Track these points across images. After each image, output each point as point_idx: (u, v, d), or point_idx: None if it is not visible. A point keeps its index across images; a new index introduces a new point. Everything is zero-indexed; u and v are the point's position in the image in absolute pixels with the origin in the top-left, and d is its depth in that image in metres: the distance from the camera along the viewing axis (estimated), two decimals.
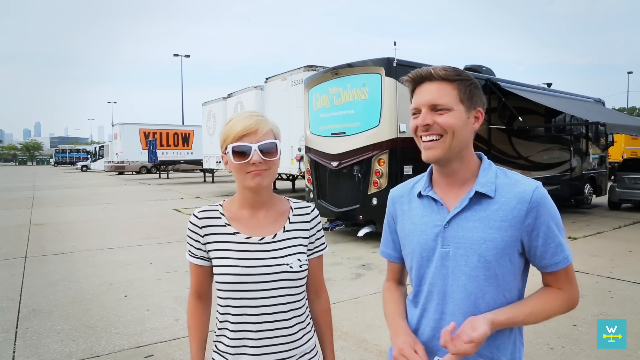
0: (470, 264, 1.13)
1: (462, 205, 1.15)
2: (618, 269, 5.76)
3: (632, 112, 56.49)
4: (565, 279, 1.16)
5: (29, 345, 3.58)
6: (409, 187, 1.31)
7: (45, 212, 11.76)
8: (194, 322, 1.36)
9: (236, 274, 1.23)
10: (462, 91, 1.14)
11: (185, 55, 41.64)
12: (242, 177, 1.24)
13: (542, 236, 1.12)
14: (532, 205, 1.11)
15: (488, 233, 1.12)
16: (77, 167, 48.69)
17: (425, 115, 1.13)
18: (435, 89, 1.13)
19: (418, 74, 1.16)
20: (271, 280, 1.24)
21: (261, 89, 13.45)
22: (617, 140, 18.70)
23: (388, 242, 1.37)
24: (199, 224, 1.29)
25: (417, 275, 1.23)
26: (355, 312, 4.25)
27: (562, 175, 10.86)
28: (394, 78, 6.99)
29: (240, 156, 1.22)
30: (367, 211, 7.36)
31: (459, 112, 1.13)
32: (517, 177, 1.18)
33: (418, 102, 1.16)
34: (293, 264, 1.26)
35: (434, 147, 1.13)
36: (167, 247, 7.26)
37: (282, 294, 1.26)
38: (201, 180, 24.21)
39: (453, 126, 1.12)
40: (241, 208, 1.31)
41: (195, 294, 1.37)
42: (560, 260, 1.13)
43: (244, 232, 1.28)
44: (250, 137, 1.21)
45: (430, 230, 1.18)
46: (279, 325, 1.26)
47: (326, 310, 1.44)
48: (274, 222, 1.31)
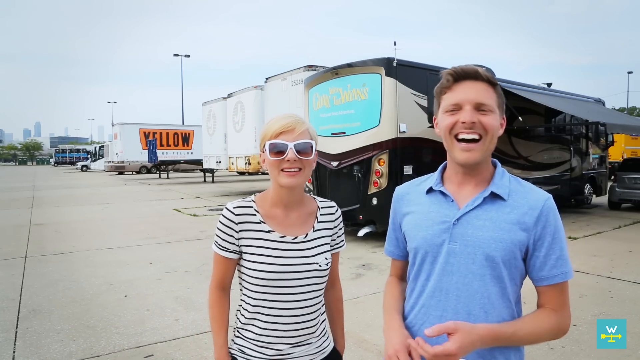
0: (477, 262, 1.12)
1: (475, 203, 1.15)
2: (618, 269, 5.76)
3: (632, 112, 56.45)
4: (560, 298, 1.14)
5: (29, 345, 3.58)
6: (415, 184, 1.32)
7: (45, 212, 11.76)
8: (218, 311, 1.41)
9: (271, 271, 1.29)
10: (499, 96, 1.15)
11: (185, 55, 41.65)
12: (276, 174, 1.30)
13: (546, 246, 1.11)
14: (542, 214, 1.11)
15: (498, 233, 1.11)
16: (77, 167, 48.69)
17: (471, 113, 1.11)
18: (482, 89, 1.12)
19: (462, 71, 1.14)
20: (303, 278, 1.32)
21: (261, 89, 13.45)
22: (617, 140, 18.70)
23: (391, 240, 1.38)
24: (236, 220, 1.33)
25: (421, 270, 1.22)
26: (355, 312, 4.25)
27: (562, 175, 10.86)
28: (394, 78, 6.99)
29: (276, 153, 1.27)
30: (367, 211, 7.36)
31: (497, 116, 1.14)
32: (530, 187, 1.18)
33: (461, 99, 1.12)
34: (321, 262, 1.35)
35: (474, 150, 1.12)
36: (167, 247, 7.24)
37: (311, 289, 1.35)
38: (201, 180, 24.22)
39: (494, 128, 1.13)
40: (274, 206, 1.37)
41: (220, 285, 1.41)
42: (558, 274, 1.12)
43: (279, 230, 1.34)
44: (287, 135, 1.27)
45: (438, 225, 1.18)
46: (306, 319, 1.35)
47: (339, 298, 1.57)
48: (305, 222, 1.38)
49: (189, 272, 5.73)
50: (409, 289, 1.28)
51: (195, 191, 17.90)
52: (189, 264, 6.15)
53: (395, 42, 7.23)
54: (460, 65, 1.15)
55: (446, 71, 1.16)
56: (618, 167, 12.30)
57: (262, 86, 13.28)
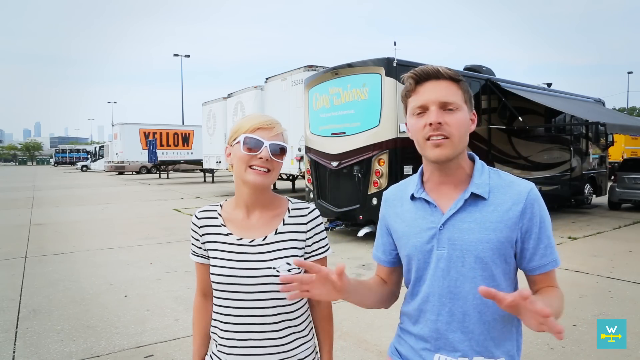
0: (467, 265, 1.13)
1: (457, 206, 1.14)
2: (618, 269, 5.76)
3: (632, 112, 56.48)
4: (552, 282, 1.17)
5: (29, 345, 3.58)
6: (401, 188, 1.30)
7: (45, 212, 11.76)
8: (197, 318, 1.40)
9: (225, 275, 1.24)
10: (465, 91, 1.15)
11: (185, 55, 41.64)
12: (243, 170, 1.24)
13: (534, 237, 1.12)
14: (527, 206, 1.12)
15: (484, 234, 1.11)
16: (77, 167, 48.67)
17: (437, 113, 1.10)
18: (444, 87, 1.12)
19: (424, 71, 1.14)
20: (258, 284, 1.23)
21: (261, 89, 13.44)
22: (617, 140, 18.70)
23: (379, 246, 1.36)
24: (198, 224, 1.32)
25: (416, 278, 1.22)
26: (355, 312, 4.25)
27: (562, 175, 10.86)
28: (394, 78, 6.99)
29: (250, 149, 1.23)
30: (367, 211, 7.36)
31: (465, 112, 1.14)
32: (510, 179, 1.17)
33: (426, 99, 1.12)
34: (281, 267, 1.23)
35: (444, 145, 1.11)
36: (167, 247, 7.24)
37: (270, 297, 1.23)
38: (201, 180, 24.21)
39: (463, 125, 1.12)
40: (237, 208, 1.32)
41: (201, 291, 1.39)
42: (549, 262, 1.13)
43: (237, 233, 1.28)
44: (265, 132, 1.24)
45: (425, 232, 1.18)
46: (267, 329, 1.24)
47: (325, 317, 1.38)
48: (267, 224, 1.30)
49: (189, 272, 5.73)
50: (407, 293, 1.29)
51: (195, 191, 17.91)
52: (189, 264, 6.14)
53: (395, 42, 7.25)
54: (420, 67, 1.15)
55: (407, 75, 1.16)
56: (618, 167, 12.30)
57: (262, 86, 13.28)
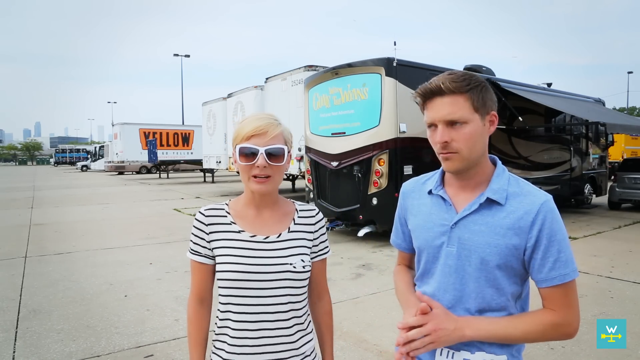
0: (472, 265, 1.14)
1: (472, 208, 1.15)
2: (618, 269, 5.77)
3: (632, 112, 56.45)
4: (562, 300, 1.11)
5: (29, 345, 3.58)
6: (420, 182, 1.33)
7: (45, 212, 11.76)
8: (194, 328, 1.32)
9: (239, 271, 1.22)
10: (475, 100, 1.11)
11: (185, 55, 41.65)
12: (246, 179, 1.25)
13: (543, 249, 1.10)
14: (538, 218, 1.10)
15: (493, 239, 1.12)
16: (77, 167, 48.66)
17: (442, 132, 1.10)
18: (448, 104, 1.10)
19: (427, 90, 1.13)
20: (274, 280, 1.23)
21: (261, 89, 13.44)
22: (617, 140, 18.69)
23: (398, 233, 1.40)
24: (205, 222, 1.29)
25: (424, 270, 1.26)
26: (355, 312, 4.25)
27: (562, 175, 10.86)
28: (394, 78, 6.99)
29: (246, 157, 1.21)
30: (367, 211, 7.36)
31: (475, 122, 1.11)
32: (528, 189, 1.16)
33: (433, 118, 1.13)
34: (297, 264, 1.25)
35: (453, 159, 1.12)
36: (167, 247, 7.26)
37: (284, 293, 1.24)
38: (201, 180, 24.20)
39: (472, 139, 1.11)
40: (247, 207, 1.32)
41: (197, 297, 1.34)
42: (556, 276, 1.09)
43: (249, 230, 1.28)
44: (259, 138, 1.21)
45: (437, 228, 1.20)
46: (279, 325, 1.25)
47: (327, 312, 1.42)
48: (279, 222, 1.31)
49: (189, 272, 5.73)
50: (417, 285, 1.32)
51: (195, 191, 17.90)
52: (189, 264, 6.13)
53: (395, 42, 7.25)
54: (425, 84, 1.14)
55: (415, 92, 1.17)
56: (618, 167, 12.30)
57: (262, 86, 13.28)
